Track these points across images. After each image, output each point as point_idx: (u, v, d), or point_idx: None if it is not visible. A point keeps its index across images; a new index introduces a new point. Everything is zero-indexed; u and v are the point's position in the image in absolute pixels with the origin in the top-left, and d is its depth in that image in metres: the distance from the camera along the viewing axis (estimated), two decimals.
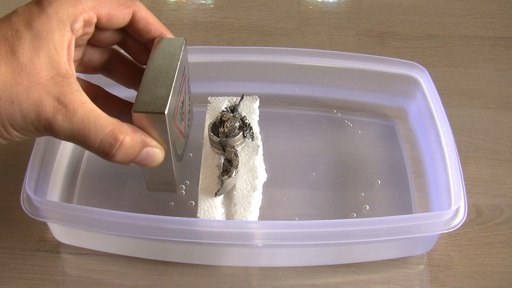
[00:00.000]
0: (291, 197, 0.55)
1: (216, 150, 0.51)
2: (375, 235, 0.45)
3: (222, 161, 0.50)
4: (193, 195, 0.53)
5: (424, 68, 0.58)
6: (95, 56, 0.43)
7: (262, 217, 0.52)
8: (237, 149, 0.50)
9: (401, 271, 0.51)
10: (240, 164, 0.50)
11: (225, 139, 0.49)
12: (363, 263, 0.51)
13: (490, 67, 0.69)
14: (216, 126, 0.50)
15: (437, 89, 0.56)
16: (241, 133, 0.50)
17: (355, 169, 0.57)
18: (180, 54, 0.41)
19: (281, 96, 0.63)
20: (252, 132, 0.51)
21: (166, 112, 0.37)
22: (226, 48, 0.61)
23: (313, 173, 0.57)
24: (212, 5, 0.78)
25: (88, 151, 0.58)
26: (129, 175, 0.57)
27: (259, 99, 0.55)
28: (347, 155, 0.59)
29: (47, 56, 0.35)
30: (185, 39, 0.42)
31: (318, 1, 0.79)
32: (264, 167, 0.53)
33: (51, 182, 0.53)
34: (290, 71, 0.61)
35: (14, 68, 0.34)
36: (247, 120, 0.51)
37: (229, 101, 0.55)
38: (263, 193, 0.54)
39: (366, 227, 0.45)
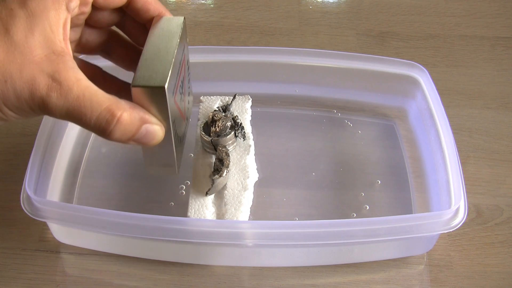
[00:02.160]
0: (291, 197, 0.55)
1: (207, 150, 0.51)
2: (375, 235, 0.45)
3: (214, 160, 0.50)
4: None
5: (424, 68, 0.58)
6: (93, 37, 0.42)
7: (262, 217, 0.53)
8: (229, 148, 0.50)
9: (401, 271, 0.51)
10: (231, 163, 0.50)
11: (216, 138, 0.49)
12: (363, 263, 0.51)
13: (490, 67, 0.69)
14: (208, 126, 0.50)
15: (437, 89, 0.56)
16: (232, 132, 0.50)
17: (355, 169, 0.57)
18: (180, 32, 0.40)
19: (281, 96, 0.63)
20: (244, 131, 0.51)
21: (166, 86, 0.35)
22: (226, 48, 0.61)
23: (313, 173, 0.57)
24: (212, 5, 0.78)
25: (88, 151, 0.59)
26: (129, 175, 0.57)
27: (251, 99, 0.55)
28: (347, 155, 0.59)
29: (41, 34, 0.34)
30: (185, 18, 0.41)
31: (318, 1, 0.79)
32: (255, 167, 0.53)
33: (51, 182, 0.53)
34: (290, 71, 0.61)
35: (7, 47, 0.33)
36: (238, 120, 0.51)
37: (221, 100, 0.55)
38: (263, 193, 0.54)
39: (366, 227, 0.45)
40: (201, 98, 0.55)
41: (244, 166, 0.50)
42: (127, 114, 0.35)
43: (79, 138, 0.59)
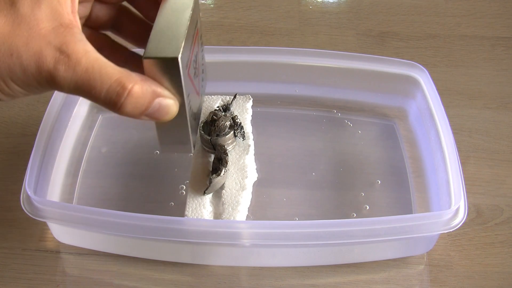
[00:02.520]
0: (291, 197, 0.55)
1: (207, 149, 0.51)
2: (375, 235, 0.45)
3: (212, 159, 0.50)
4: None
5: (424, 68, 0.58)
6: (103, 12, 0.41)
7: (262, 217, 0.53)
8: (228, 148, 0.50)
9: (401, 271, 0.51)
10: (230, 163, 0.50)
11: (215, 138, 0.50)
12: (363, 263, 0.51)
13: (490, 67, 0.69)
14: (208, 125, 0.51)
15: (437, 89, 0.56)
16: (231, 132, 0.50)
17: (355, 169, 0.57)
18: (192, 5, 0.38)
19: (281, 96, 0.63)
20: (243, 131, 0.51)
21: (179, 56, 0.34)
22: (226, 48, 0.61)
23: (313, 173, 0.57)
24: (212, 5, 0.78)
25: (88, 151, 0.59)
26: (129, 175, 0.57)
27: (252, 99, 0.55)
28: (347, 155, 0.59)
29: (49, 7, 0.33)
30: None
31: (318, 1, 0.79)
32: (255, 167, 0.53)
33: (51, 182, 0.53)
34: (290, 71, 0.61)
35: (13, 19, 0.32)
36: (238, 120, 0.51)
37: (222, 100, 0.55)
38: (263, 193, 0.54)
39: (366, 227, 0.45)
40: None
41: (242, 166, 0.50)
42: (139, 87, 0.33)
43: (79, 138, 0.59)
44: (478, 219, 0.54)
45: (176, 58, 0.34)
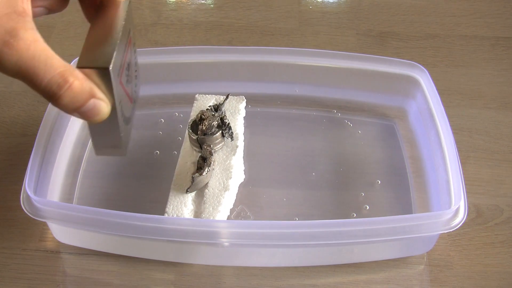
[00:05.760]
0: (291, 197, 0.55)
1: (194, 148, 0.51)
2: (375, 235, 0.45)
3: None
4: None
5: (424, 68, 0.58)
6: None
7: (262, 217, 0.53)
8: (216, 148, 0.50)
9: (401, 271, 0.51)
10: (216, 163, 0.50)
11: (202, 137, 0.50)
12: (363, 263, 0.51)
13: (490, 67, 0.69)
14: (196, 124, 0.51)
15: (437, 89, 0.56)
16: (219, 132, 0.50)
17: (355, 169, 0.57)
18: (124, 15, 0.40)
19: (281, 96, 0.63)
20: (231, 132, 0.51)
21: (110, 67, 0.36)
22: (226, 48, 0.61)
23: (313, 173, 0.57)
24: (212, 5, 0.78)
25: (88, 151, 0.59)
26: (129, 175, 0.57)
27: (245, 100, 0.55)
28: (347, 155, 0.59)
29: None
30: (130, 1, 0.41)
31: (318, 1, 0.79)
32: (243, 168, 0.53)
33: (51, 182, 0.53)
34: (290, 71, 0.61)
35: None
36: (226, 120, 0.51)
37: (216, 99, 0.55)
38: (263, 193, 0.54)
39: (366, 227, 0.45)
40: (196, 96, 0.55)
41: (228, 167, 0.50)
42: (79, 83, 0.35)
43: (79, 138, 0.59)
44: (478, 219, 0.54)
45: (107, 69, 0.36)
